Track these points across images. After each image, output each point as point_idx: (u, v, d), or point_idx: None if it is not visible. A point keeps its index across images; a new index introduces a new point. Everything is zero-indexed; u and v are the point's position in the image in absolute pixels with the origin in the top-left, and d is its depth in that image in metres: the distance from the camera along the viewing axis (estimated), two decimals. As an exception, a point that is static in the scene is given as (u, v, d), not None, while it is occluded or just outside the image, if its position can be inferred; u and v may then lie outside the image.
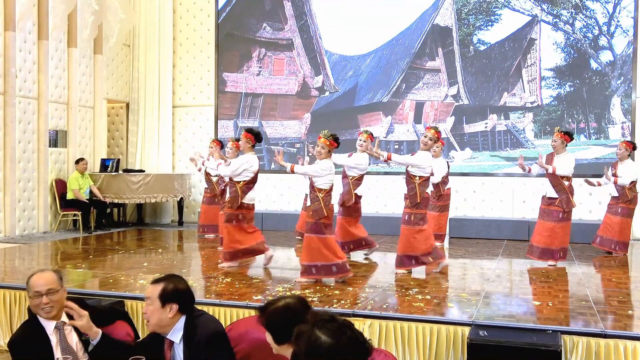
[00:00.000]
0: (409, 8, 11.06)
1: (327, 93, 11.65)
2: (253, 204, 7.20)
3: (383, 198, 11.14)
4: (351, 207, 7.75)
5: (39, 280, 3.39)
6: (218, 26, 12.40)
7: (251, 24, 11.96)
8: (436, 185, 8.67)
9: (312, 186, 6.34)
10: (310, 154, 10.00)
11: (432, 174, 6.97)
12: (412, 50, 11.13)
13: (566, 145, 7.42)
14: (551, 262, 7.32)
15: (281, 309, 2.75)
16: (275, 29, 11.83)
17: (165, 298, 3.10)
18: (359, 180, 7.75)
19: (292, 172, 6.49)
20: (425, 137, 6.74)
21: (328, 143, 6.30)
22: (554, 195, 7.35)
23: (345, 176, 7.71)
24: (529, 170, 7.63)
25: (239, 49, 12.06)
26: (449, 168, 8.91)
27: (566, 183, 7.31)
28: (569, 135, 7.46)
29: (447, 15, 10.90)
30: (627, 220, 8.28)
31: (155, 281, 3.17)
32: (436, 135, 6.71)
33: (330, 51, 11.60)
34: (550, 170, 7.29)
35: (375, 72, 11.39)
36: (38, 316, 3.42)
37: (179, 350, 3.17)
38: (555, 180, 7.33)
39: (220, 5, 12.41)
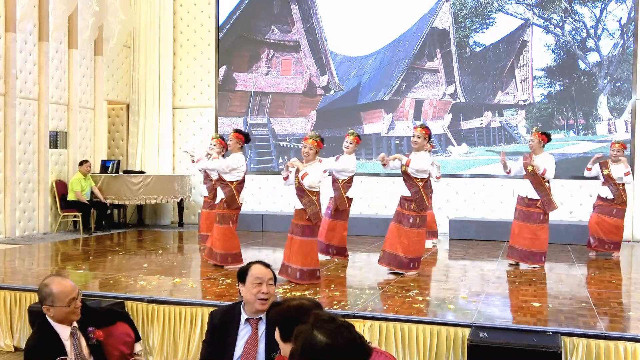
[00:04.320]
0: (409, 12, 11.43)
1: (331, 92, 11.97)
2: (241, 204, 7.24)
3: (383, 200, 11.14)
4: (343, 210, 7.72)
5: (67, 287, 3.38)
6: (218, 28, 12.47)
7: (260, 27, 12.29)
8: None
9: (302, 190, 6.20)
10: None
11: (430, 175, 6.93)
12: (412, 51, 11.44)
13: (543, 146, 7.39)
14: (535, 265, 7.30)
15: (294, 308, 2.76)
16: (283, 31, 12.18)
17: None
18: (348, 183, 7.69)
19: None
20: (413, 136, 6.70)
21: (315, 144, 6.28)
22: (535, 196, 7.32)
23: (334, 180, 7.67)
24: (509, 172, 7.55)
25: (248, 50, 12.37)
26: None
27: (547, 184, 7.28)
28: (546, 136, 7.43)
29: (444, 19, 11.26)
30: (621, 221, 8.28)
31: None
32: (424, 132, 6.64)
33: (335, 52, 11.95)
34: (540, 172, 7.21)
35: (377, 72, 11.70)
36: (52, 322, 3.41)
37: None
38: (537, 181, 7.30)
39: (221, 7, 12.46)
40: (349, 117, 11.75)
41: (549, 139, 7.47)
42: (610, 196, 8.20)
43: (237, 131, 7.12)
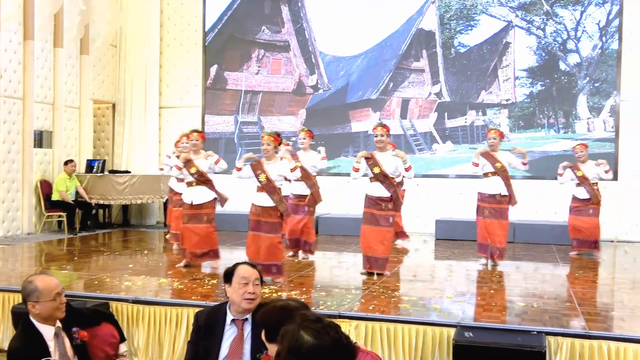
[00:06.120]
0: (396, 13, 11.60)
1: (320, 91, 12.13)
2: None
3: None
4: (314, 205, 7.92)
5: (51, 283, 3.38)
6: (205, 27, 12.47)
7: (251, 27, 12.43)
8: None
9: (275, 188, 6.30)
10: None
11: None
12: (399, 52, 11.60)
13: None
14: (496, 262, 7.39)
15: (278, 308, 2.76)
16: (273, 32, 12.35)
17: None
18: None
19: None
20: (376, 136, 6.65)
21: (272, 139, 6.33)
22: (505, 192, 7.41)
23: (308, 177, 7.73)
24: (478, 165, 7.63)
25: (239, 50, 12.50)
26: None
27: None
28: (503, 134, 7.75)
29: (430, 20, 11.47)
30: (598, 220, 8.37)
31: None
32: (386, 130, 6.63)
33: (324, 52, 12.10)
34: (526, 162, 7.49)
35: (365, 71, 11.85)
36: (35, 322, 3.39)
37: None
38: (507, 176, 7.41)
39: (208, 7, 12.47)
40: (337, 115, 11.93)
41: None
42: (587, 196, 8.28)
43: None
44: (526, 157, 7.58)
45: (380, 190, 6.57)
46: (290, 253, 7.92)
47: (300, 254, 7.92)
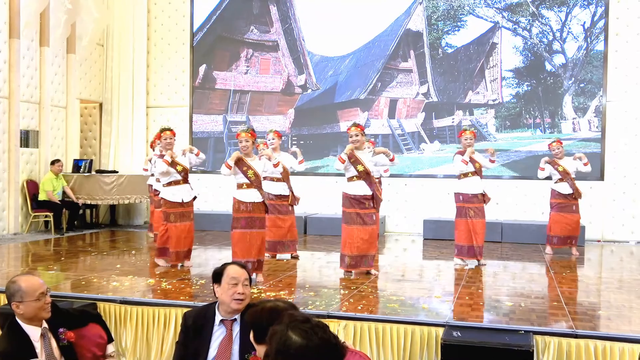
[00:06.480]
0: (384, 14, 11.65)
1: (309, 90, 12.16)
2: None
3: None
4: None
5: (35, 283, 3.35)
6: (193, 26, 12.44)
7: (240, 27, 12.44)
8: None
9: (261, 183, 6.47)
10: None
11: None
12: (387, 52, 11.63)
13: None
14: (482, 261, 7.52)
15: (267, 309, 2.75)
16: (262, 32, 12.36)
17: None
18: None
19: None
20: (351, 137, 6.64)
21: (250, 135, 6.39)
22: (484, 191, 7.58)
23: (287, 178, 7.83)
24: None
25: (228, 50, 12.50)
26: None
27: None
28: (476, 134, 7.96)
29: (418, 21, 11.53)
30: (579, 216, 8.51)
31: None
32: (360, 129, 6.62)
33: (313, 52, 12.13)
34: (493, 160, 7.70)
35: (353, 71, 11.89)
36: (22, 323, 3.36)
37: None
38: (481, 175, 7.60)
39: (196, 6, 12.45)
40: (326, 115, 11.97)
41: None
42: (569, 191, 8.37)
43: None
44: (494, 155, 7.77)
45: (363, 189, 6.62)
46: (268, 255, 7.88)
47: (279, 255, 7.89)
